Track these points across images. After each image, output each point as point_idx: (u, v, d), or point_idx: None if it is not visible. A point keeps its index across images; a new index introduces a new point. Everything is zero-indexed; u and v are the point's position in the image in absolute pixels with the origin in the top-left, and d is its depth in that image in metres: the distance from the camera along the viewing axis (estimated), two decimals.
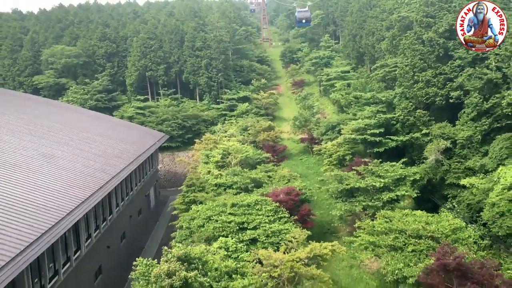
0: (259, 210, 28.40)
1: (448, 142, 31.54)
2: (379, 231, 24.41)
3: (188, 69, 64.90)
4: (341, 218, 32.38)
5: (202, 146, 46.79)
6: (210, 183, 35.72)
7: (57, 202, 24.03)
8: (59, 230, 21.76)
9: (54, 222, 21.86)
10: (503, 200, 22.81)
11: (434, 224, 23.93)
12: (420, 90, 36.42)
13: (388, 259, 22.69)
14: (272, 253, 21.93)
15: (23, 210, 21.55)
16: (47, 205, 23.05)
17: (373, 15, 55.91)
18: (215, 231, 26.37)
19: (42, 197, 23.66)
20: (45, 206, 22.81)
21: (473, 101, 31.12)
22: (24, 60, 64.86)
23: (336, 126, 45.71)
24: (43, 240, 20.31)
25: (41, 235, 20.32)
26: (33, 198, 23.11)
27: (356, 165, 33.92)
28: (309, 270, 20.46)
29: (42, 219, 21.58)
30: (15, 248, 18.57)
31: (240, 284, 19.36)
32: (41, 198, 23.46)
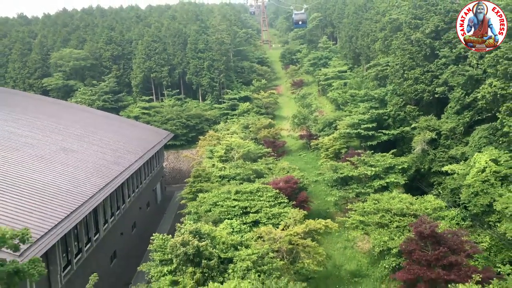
0: (261, 196, 31.51)
1: (434, 134, 34.71)
2: (368, 211, 27.58)
3: (191, 71, 68.20)
4: (336, 204, 35.54)
5: (206, 143, 49.97)
6: (215, 175, 38.81)
7: (80, 188, 27.32)
8: (83, 211, 25.04)
9: (79, 204, 25.15)
10: (477, 182, 25.97)
11: (417, 204, 27.09)
12: (409, 87, 39.57)
13: (375, 234, 25.87)
14: (273, 230, 25.07)
15: (54, 193, 24.86)
16: (73, 190, 26.37)
17: (368, 17, 59.20)
18: (221, 215, 29.47)
19: (67, 183, 26.95)
20: (71, 191, 26.12)
21: (456, 96, 34.31)
22: (34, 63, 68.28)
23: (333, 123, 48.84)
24: (71, 218, 23.58)
25: (70, 213, 23.60)
26: (61, 184, 26.40)
27: (350, 156, 37.04)
28: (305, 242, 23.62)
29: (69, 201, 24.87)
30: (49, 223, 21.82)
31: (245, 253, 22.48)
32: (67, 185, 26.75)
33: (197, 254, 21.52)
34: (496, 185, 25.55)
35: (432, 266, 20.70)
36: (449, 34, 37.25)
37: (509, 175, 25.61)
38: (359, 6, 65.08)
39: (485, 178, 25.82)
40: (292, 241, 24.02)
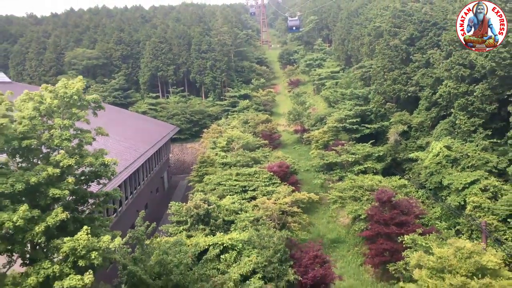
0: (258, 177, 38.27)
1: (405, 127, 41.50)
2: (345, 188, 34.36)
3: (195, 70, 74.94)
4: (322, 186, 42.29)
5: (209, 135, 56.69)
6: (218, 162, 45.55)
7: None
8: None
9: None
10: (432, 164, 32.75)
11: (385, 182, 33.88)
12: (388, 87, 46.33)
13: (350, 206, 32.65)
14: (266, 200, 31.81)
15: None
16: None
17: (358, 22, 65.97)
18: (224, 192, 36.21)
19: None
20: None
21: (425, 95, 41.06)
22: (49, 61, 74.96)
23: (324, 118, 55.61)
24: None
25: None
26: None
27: (335, 146, 43.82)
28: (292, 209, 30.38)
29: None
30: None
31: (244, 216, 29.24)
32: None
33: (206, 215, 28.36)
34: (447, 166, 32.31)
35: (388, 224, 27.44)
36: (422, 41, 44.03)
37: (458, 158, 32.35)
38: (351, 11, 71.90)
39: (439, 161, 32.58)
40: (282, 208, 30.76)
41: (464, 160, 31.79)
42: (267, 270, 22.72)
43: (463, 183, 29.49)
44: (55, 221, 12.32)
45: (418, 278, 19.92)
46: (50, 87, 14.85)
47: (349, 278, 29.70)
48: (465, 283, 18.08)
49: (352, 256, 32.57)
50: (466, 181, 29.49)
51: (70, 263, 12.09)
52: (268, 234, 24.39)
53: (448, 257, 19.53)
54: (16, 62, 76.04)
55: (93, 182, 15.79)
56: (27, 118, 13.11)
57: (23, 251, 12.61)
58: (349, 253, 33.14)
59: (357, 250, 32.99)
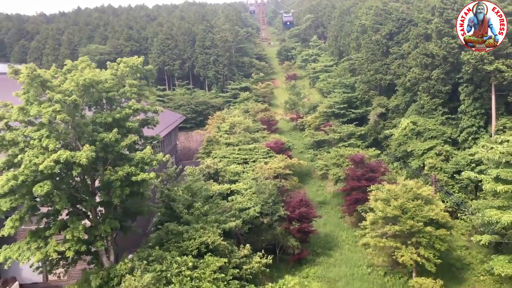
0: (257, 152, 46.39)
1: (383, 109, 49.65)
2: (329, 157, 42.51)
3: (199, 64, 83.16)
4: (312, 160, 50.36)
5: (214, 121, 64.81)
6: (222, 142, 53.65)
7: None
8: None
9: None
10: (400, 136, 40.90)
11: (362, 152, 42.00)
12: (371, 76, 54.47)
13: (332, 171, 40.78)
14: (264, 165, 39.92)
15: None
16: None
17: (349, 20, 74.19)
18: (228, 163, 44.31)
19: None
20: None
21: (400, 82, 49.17)
22: (64, 56, 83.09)
23: (316, 106, 63.76)
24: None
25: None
26: None
27: (324, 127, 51.97)
28: (284, 171, 38.48)
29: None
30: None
31: (245, 175, 37.34)
32: None
33: (215, 173, 36.45)
34: (412, 138, 40.46)
35: (360, 179, 35.52)
36: (399, 36, 52.18)
37: (421, 131, 40.48)
38: (343, 10, 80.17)
39: (405, 133, 40.74)
40: (276, 171, 38.86)
41: (426, 133, 39.94)
42: (263, 208, 30.73)
43: (422, 149, 37.67)
44: (131, 141, 20.47)
45: (374, 206, 28.02)
46: (124, 59, 23.03)
47: (330, 226, 37.84)
48: (403, 204, 26.21)
49: (335, 212, 40.71)
50: (425, 147, 37.67)
51: (139, 168, 20.16)
52: (264, 183, 32.48)
53: (395, 190, 27.65)
54: (34, 57, 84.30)
55: (144, 127, 24.03)
56: (110, 79, 21.26)
57: (114, 158, 20.73)
58: (332, 210, 41.28)
59: (339, 208, 41.11)
